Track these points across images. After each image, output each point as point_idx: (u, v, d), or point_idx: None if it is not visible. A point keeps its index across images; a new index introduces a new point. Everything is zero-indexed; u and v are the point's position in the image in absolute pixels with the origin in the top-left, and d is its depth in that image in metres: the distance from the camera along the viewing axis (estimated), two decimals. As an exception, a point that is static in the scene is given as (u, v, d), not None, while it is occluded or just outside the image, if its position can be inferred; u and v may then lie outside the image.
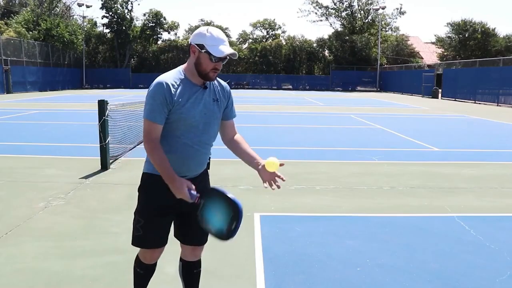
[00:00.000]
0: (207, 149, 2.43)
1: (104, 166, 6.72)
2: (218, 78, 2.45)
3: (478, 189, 5.96)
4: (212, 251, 3.73)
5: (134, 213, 2.47)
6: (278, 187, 2.39)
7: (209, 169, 2.56)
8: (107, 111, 6.91)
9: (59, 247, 3.81)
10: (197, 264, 2.61)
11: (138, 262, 2.60)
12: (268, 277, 3.26)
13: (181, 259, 2.61)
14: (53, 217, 4.56)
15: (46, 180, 6.13)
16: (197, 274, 2.62)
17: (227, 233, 2.15)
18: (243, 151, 2.50)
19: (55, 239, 3.98)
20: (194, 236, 2.51)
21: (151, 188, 2.39)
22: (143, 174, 2.44)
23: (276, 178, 2.38)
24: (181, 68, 2.35)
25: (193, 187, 2.24)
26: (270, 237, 4.06)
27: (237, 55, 2.30)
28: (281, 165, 2.34)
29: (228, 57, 2.26)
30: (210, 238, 2.37)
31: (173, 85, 2.25)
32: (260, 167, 2.39)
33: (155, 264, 2.63)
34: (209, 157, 2.52)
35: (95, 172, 6.57)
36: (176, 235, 2.56)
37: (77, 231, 4.18)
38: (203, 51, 2.22)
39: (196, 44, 2.25)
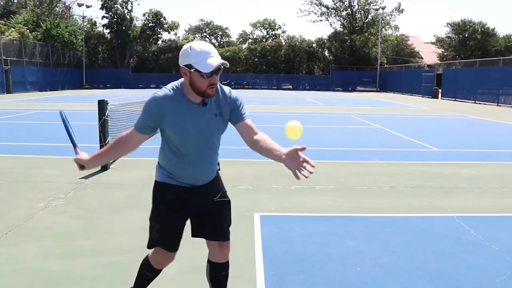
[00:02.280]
0: (211, 161, 2.41)
1: (104, 166, 6.72)
2: (220, 85, 2.31)
3: (478, 189, 5.96)
4: (212, 251, 3.73)
5: (150, 219, 2.46)
6: (310, 172, 2.03)
7: (219, 169, 2.56)
8: (107, 111, 6.91)
9: (59, 247, 3.81)
10: (226, 265, 2.58)
11: (148, 266, 2.57)
12: (268, 277, 3.25)
13: (208, 261, 2.57)
14: (53, 217, 4.56)
15: (46, 180, 6.12)
16: (226, 276, 2.60)
17: None
18: (265, 148, 2.22)
19: (55, 239, 3.98)
20: (218, 230, 2.49)
21: (163, 196, 2.40)
22: (155, 182, 2.45)
23: (304, 163, 2.04)
24: (179, 84, 2.25)
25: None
26: (270, 237, 4.06)
27: (228, 64, 2.20)
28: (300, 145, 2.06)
29: (222, 67, 2.15)
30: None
31: (167, 104, 2.20)
32: (283, 157, 2.10)
33: (161, 270, 2.65)
34: (218, 162, 2.52)
35: (95, 172, 6.56)
36: (198, 235, 2.50)
37: (77, 231, 4.17)
38: (192, 70, 2.12)
39: (184, 66, 2.15)
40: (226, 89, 2.32)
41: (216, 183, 2.49)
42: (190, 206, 2.41)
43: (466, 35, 49.48)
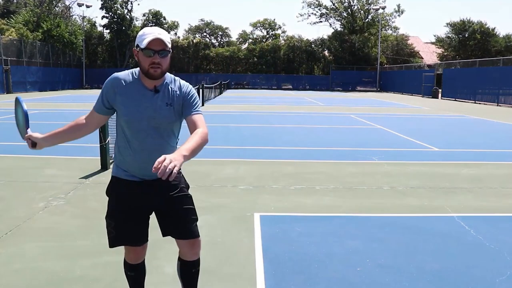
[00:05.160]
0: (161, 152, 2.12)
1: (104, 166, 6.72)
2: (179, 79, 2.37)
3: (478, 189, 5.96)
4: (212, 251, 3.73)
5: (105, 217, 2.50)
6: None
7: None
8: (107, 111, 6.89)
9: (59, 247, 3.81)
10: (197, 263, 2.57)
11: (126, 265, 2.66)
12: (268, 277, 3.25)
13: (179, 259, 2.57)
14: (53, 217, 4.56)
15: (46, 180, 6.12)
16: (196, 273, 2.60)
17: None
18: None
19: (55, 239, 3.98)
20: (184, 229, 2.46)
21: (118, 191, 2.46)
22: (111, 177, 2.53)
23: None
24: (137, 69, 2.34)
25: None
26: (270, 237, 4.05)
27: (164, 40, 2.17)
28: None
29: (166, 50, 2.19)
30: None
31: (121, 84, 2.30)
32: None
33: (143, 264, 2.67)
34: None
35: (95, 172, 6.57)
36: (167, 233, 2.50)
37: (77, 231, 4.17)
38: (137, 49, 2.23)
39: (134, 48, 2.28)
40: (184, 83, 2.38)
41: (177, 181, 2.43)
42: (143, 201, 2.41)
43: (466, 35, 49.49)
